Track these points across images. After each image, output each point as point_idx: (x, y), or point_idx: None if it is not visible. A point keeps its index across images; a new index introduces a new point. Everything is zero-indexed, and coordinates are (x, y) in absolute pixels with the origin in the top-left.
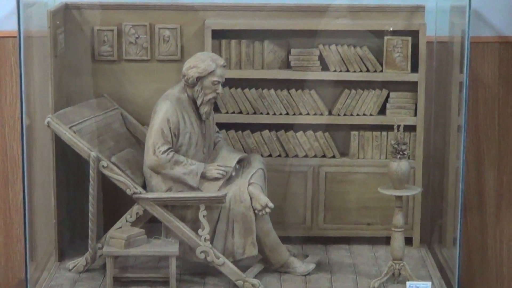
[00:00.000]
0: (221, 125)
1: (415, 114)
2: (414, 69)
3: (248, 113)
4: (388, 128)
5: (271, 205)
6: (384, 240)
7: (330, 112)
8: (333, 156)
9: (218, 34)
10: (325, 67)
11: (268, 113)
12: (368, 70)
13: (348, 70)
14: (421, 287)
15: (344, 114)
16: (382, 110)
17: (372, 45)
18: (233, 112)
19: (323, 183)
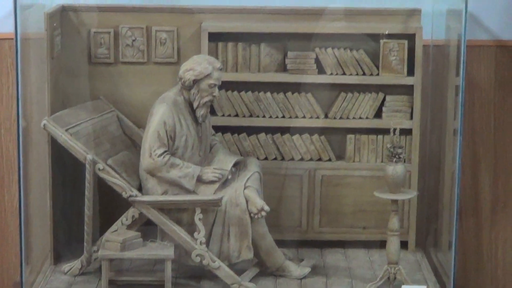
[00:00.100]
0: (217, 128)
1: (411, 118)
2: (410, 72)
3: (244, 116)
4: (384, 131)
5: (267, 208)
6: (380, 244)
7: (326, 115)
8: (329, 160)
9: (215, 37)
10: (321, 70)
11: (264, 116)
12: (364, 74)
13: (344, 73)
14: None
15: (340, 117)
16: (378, 114)
17: (368, 48)
18: (229, 115)
19: (319, 186)
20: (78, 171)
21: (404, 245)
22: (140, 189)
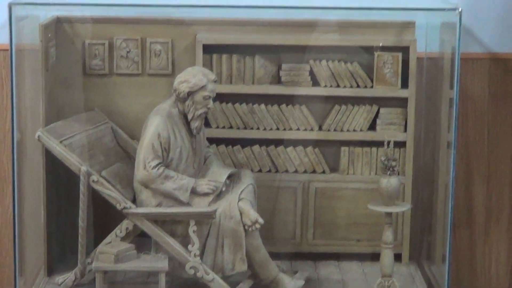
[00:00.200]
0: (212, 140)
1: (405, 130)
2: (404, 85)
3: (238, 128)
4: (378, 144)
5: (261, 220)
6: (374, 257)
7: (320, 128)
8: (323, 172)
9: (209, 49)
10: (315, 83)
11: (258, 128)
12: (358, 86)
13: (338, 86)
14: None
15: (334, 130)
16: (372, 126)
17: (362, 61)
18: (224, 127)
19: (312, 198)
20: (72, 182)
21: (398, 257)
22: (134, 201)
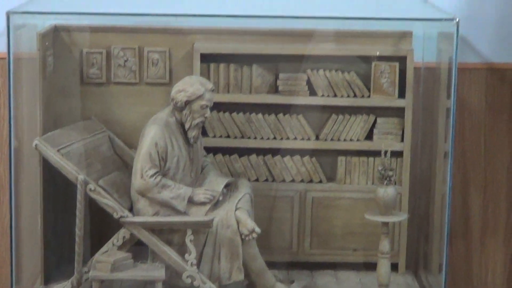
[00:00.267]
0: (209, 149)
1: (402, 140)
2: (401, 94)
3: (235, 137)
4: (375, 153)
5: (258, 230)
6: (370, 266)
7: (318, 137)
8: (320, 181)
9: (207, 58)
10: (313, 92)
11: (255, 138)
12: (355, 96)
13: (335, 95)
14: None
15: (331, 139)
16: (369, 136)
17: (359, 70)
18: (221, 136)
19: (309, 208)
20: (69, 191)
21: (394, 267)
22: (131, 209)
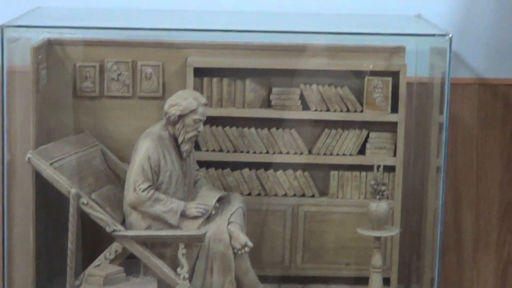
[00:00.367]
0: (202, 163)
1: (395, 155)
2: (394, 109)
3: (228, 151)
4: (368, 168)
5: (250, 244)
6: (363, 281)
7: (310, 152)
8: (312, 196)
9: (200, 72)
10: (306, 107)
11: (248, 152)
12: (348, 110)
13: (328, 110)
14: None
15: (324, 154)
16: (361, 150)
17: (352, 85)
18: (214, 150)
19: (302, 222)
20: (61, 204)
21: (386, 282)
22: (124, 223)
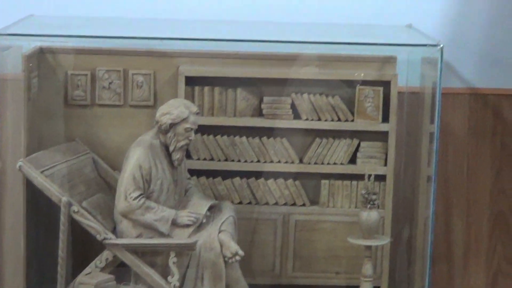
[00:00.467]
0: (193, 172)
1: (386, 164)
2: (385, 119)
3: (219, 160)
4: (359, 177)
5: (241, 252)
6: None
7: (301, 160)
8: (303, 204)
9: (192, 81)
10: (297, 116)
11: (239, 160)
12: (339, 119)
13: (319, 119)
14: None
15: (315, 163)
16: (352, 159)
17: (344, 94)
18: (205, 159)
19: (292, 231)
20: (52, 213)
21: None
22: (115, 231)
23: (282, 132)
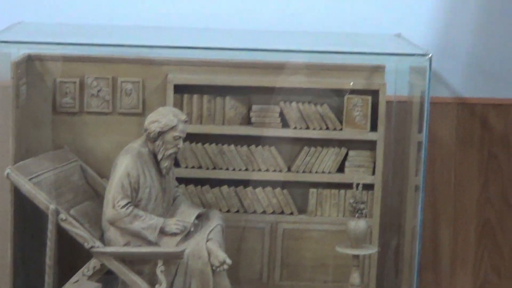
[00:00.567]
0: (181, 180)
1: (374, 173)
2: (373, 128)
3: (208, 168)
4: (347, 186)
5: (229, 261)
6: None
7: (289, 169)
8: (291, 213)
9: (180, 89)
10: (285, 124)
11: (227, 169)
12: (327, 128)
13: (308, 128)
14: None
15: (303, 171)
16: (340, 168)
17: (332, 103)
18: (193, 167)
19: (280, 239)
20: (40, 220)
21: None
22: (102, 239)
23: (270, 140)
